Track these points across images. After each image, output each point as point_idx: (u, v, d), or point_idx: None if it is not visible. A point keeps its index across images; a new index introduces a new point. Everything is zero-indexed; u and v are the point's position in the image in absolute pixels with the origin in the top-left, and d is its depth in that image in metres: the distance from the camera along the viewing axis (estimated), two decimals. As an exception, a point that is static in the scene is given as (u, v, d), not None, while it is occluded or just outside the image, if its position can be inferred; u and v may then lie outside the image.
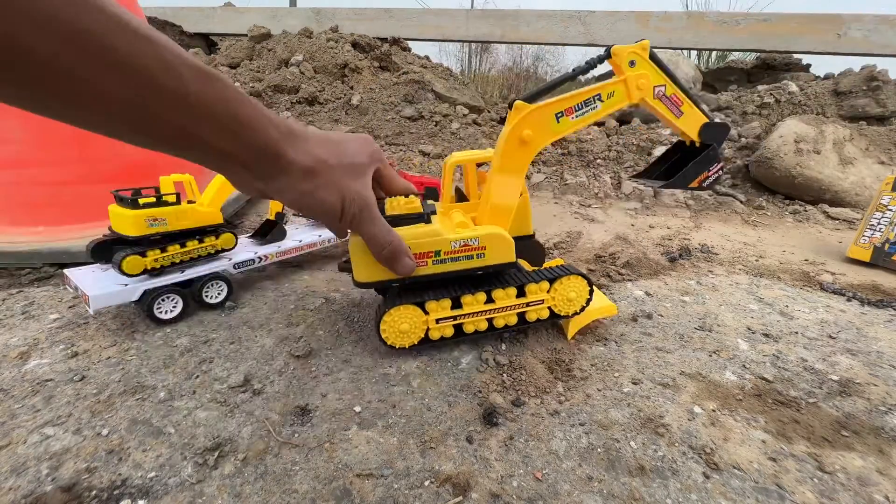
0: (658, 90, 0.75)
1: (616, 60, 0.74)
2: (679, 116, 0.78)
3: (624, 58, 0.73)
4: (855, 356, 0.81)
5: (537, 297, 0.74)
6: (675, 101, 0.77)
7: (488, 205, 0.72)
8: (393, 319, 0.70)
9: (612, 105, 0.74)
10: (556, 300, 0.75)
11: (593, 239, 1.41)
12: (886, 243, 1.27)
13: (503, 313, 0.74)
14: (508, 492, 0.51)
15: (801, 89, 2.43)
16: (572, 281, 0.75)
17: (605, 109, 0.74)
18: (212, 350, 0.76)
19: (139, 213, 0.82)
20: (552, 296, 0.75)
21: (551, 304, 0.75)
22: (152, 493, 0.49)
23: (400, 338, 0.71)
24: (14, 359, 0.73)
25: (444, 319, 0.72)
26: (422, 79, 2.75)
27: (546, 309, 0.76)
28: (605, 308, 0.84)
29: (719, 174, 0.82)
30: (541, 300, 0.74)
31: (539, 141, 0.71)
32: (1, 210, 1.15)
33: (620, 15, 3.19)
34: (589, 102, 0.72)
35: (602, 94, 0.73)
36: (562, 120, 0.71)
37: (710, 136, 0.80)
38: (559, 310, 0.76)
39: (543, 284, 0.74)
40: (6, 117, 1.09)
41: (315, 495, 0.50)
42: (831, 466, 0.56)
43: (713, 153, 0.81)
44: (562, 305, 0.76)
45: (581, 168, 2.21)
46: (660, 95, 0.75)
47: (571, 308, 0.77)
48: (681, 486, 0.52)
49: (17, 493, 0.49)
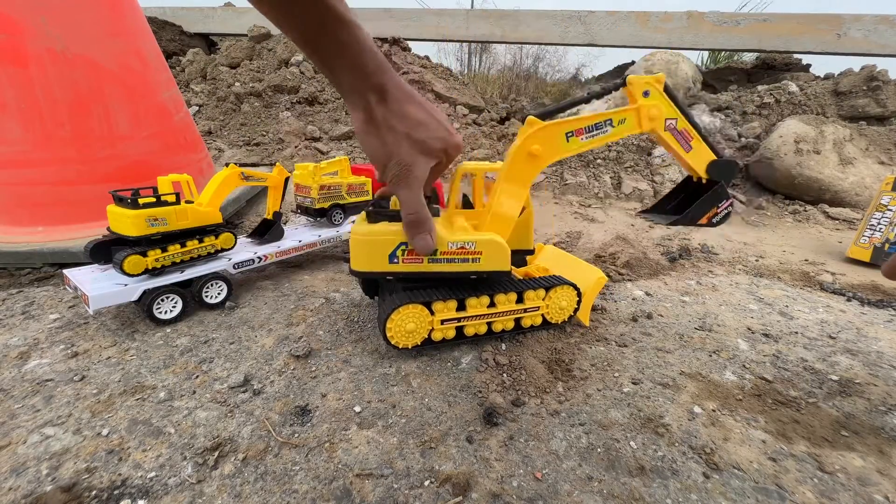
0: (669, 123, 0.76)
1: (631, 89, 0.75)
2: (688, 151, 0.79)
3: (639, 87, 0.74)
4: (855, 356, 0.81)
5: (534, 303, 0.78)
6: (686, 136, 0.78)
7: (490, 212, 0.73)
8: (400, 318, 0.70)
9: (622, 131, 0.75)
10: (550, 308, 0.81)
11: (593, 239, 1.41)
12: (886, 243, 1.27)
13: (502, 318, 0.77)
14: (508, 492, 0.51)
15: (801, 89, 2.43)
16: (565, 290, 0.81)
17: (615, 135, 0.75)
18: (212, 350, 0.76)
19: (139, 213, 0.82)
20: (546, 303, 0.80)
21: (545, 312, 0.81)
22: (152, 492, 0.49)
23: (405, 338, 0.72)
24: (14, 359, 0.73)
25: (448, 321, 0.73)
26: (422, 79, 2.75)
27: (540, 316, 0.81)
28: (599, 280, 0.87)
29: (728, 210, 0.83)
30: (536, 307, 0.79)
31: (547, 157, 0.73)
32: (1, 210, 1.15)
33: (620, 15, 3.19)
34: (600, 126, 0.74)
35: (613, 120, 0.74)
36: (571, 140, 0.73)
37: (718, 174, 0.80)
38: (551, 317, 0.82)
39: (540, 292, 0.79)
40: (6, 117, 1.09)
41: (315, 495, 0.50)
42: (831, 466, 0.56)
43: (721, 190, 0.81)
44: (554, 313, 0.82)
45: (581, 168, 2.21)
46: (671, 128, 0.77)
47: (561, 316, 0.82)
48: (681, 485, 0.52)
49: (17, 493, 0.49)
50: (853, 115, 2.31)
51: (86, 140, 1.15)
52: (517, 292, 0.77)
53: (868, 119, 2.29)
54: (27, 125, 1.09)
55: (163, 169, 1.22)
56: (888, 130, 2.10)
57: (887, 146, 2.02)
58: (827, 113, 2.32)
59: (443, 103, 2.67)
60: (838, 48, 2.87)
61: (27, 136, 1.10)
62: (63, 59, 1.10)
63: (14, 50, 1.06)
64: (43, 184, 1.13)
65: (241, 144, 2.38)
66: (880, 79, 2.34)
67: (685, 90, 2.66)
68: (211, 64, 2.80)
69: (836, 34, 2.84)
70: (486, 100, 3.18)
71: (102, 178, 1.17)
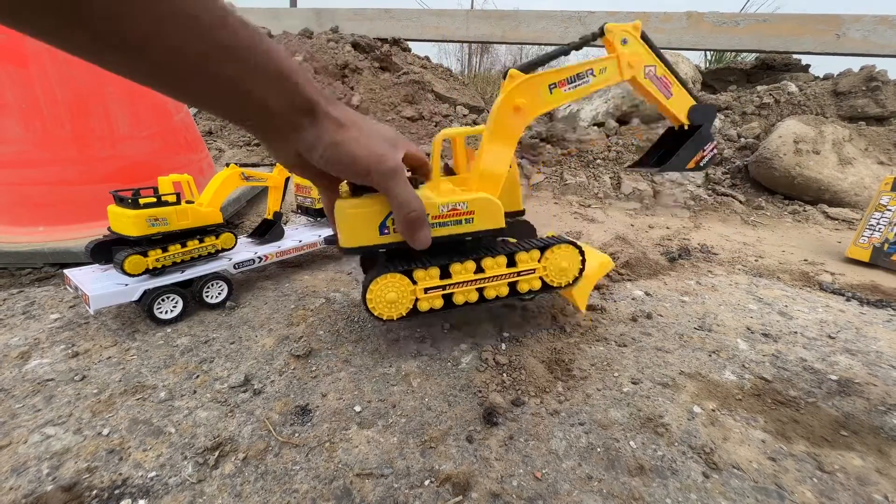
0: (648, 70, 0.78)
1: (609, 37, 0.76)
2: (668, 97, 0.80)
3: (617, 35, 0.75)
4: (854, 356, 0.81)
5: (528, 265, 0.72)
6: (665, 83, 0.79)
7: (478, 172, 0.71)
8: (380, 289, 0.66)
9: (604, 80, 0.76)
10: (549, 270, 0.74)
11: (593, 239, 1.41)
12: (886, 243, 1.27)
13: (494, 283, 0.71)
14: (508, 491, 0.51)
15: (800, 90, 2.43)
16: (563, 250, 0.74)
17: (597, 84, 0.76)
18: (212, 350, 0.77)
19: (140, 213, 0.82)
20: (544, 265, 0.73)
21: (543, 275, 0.74)
22: (153, 492, 0.50)
23: (388, 308, 0.68)
24: (15, 359, 0.73)
25: (432, 289, 0.69)
26: (422, 79, 2.75)
27: (538, 279, 0.74)
28: (603, 265, 0.85)
29: (714, 153, 0.85)
30: (532, 269, 0.73)
31: (532, 110, 0.73)
32: (1, 210, 1.15)
33: (620, 15, 3.19)
34: (582, 76, 0.75)
35: (595, 69, 0.75)
36: (555, 91, 0.73)
37: (699, 117, 0.82)
38: (552, 280, 0.75)
39: (534, 253, 0.73)
40: (7, 117, 1.09)
41: (315, 495, 0.50)
42: (830, 466, 0.56)
43: (705, 133, 0.83)
44: (554, 275, 0.74)
45: (581, 168, 2.21)
46: (650, 75, 0.78)
47: (564, 278, 0.75)
48: (680, 485, 0.53)
49: (17, 493, 0.49)
50: (852, 116, 2.31)
51: (86, 140, 1.15)
52: (506, 255, 0.72)
53: (867, 119, 2.29)
54: (27, 125, 1.09)
55: (163, 169, 1.22)
56: (887, 131, 2.10)
57: (887, 146, 2.03)
58: (826, 113, 2.32)
59: (443, 103, 2.68)
60: (838, 48, 2.87)
61: (27, 136, 1.10)
62: (63, 59, 1.10)
63: (14, 49, 1.07)
64: (43, 184, 1.13)
65: (241, 144, 2.38)
66: (879, 79, 2.34)
67: (685, 90, 2.66)
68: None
69: (835, 34, 2.84)
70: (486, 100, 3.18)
71: (103, 177, 1.17)
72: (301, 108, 0.43)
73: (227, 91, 0.37)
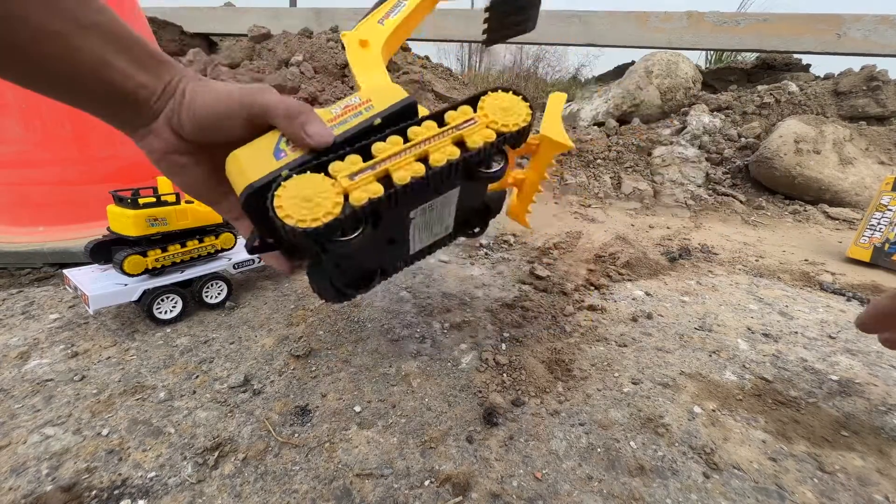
0: None
1: None
2: None
3: None
4: (855, 356, 0.81)
5: (465, 117, 0.58)
6: None
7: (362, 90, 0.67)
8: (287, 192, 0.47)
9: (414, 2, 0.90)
10: (490, 115, 0.59)
11: (593, 239, 1.41)
12: (886, 243, 1.27)
13: (434, 146, 0.55)
14: (508, 492, 0.51)
15: (801, 89, 2.43)
16: (498, 95, 0.61)
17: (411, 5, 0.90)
18: (212, 350, 0.76)
19: (140, 213, 0.82)
20: (484, 113, 0.59)
21: (488, 122, 0.58)
22: (152, 492, 0.49)
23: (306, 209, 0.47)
24: (14, 359, 0.73)
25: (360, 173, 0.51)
26: (422, 79, 2.75)
27: (485, 128, 0.58)
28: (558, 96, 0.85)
29: None
30: (471, 119, 0.58)
31: (374, 41, 0.84)
32: (1, 210, 1.15)
33: (620, 15, 3.19)
34: (397, 5, 0.90)
35: None
36: (385, 22, 0.87)
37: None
38: (501, 124, 0.59)
39: (465, 108, 0.58)
40: (7, 117, 1.09)
41: (315, 495, 0.50)
42: (831, 466, 0.56)
43: None
44: (500, 117, 0.59)
45: (581, 168, 2.21)
46: None
47: (514, 119, 0.59)
48: (681, 485, 0.52)
49: (17, 493, 0.49)
50: (853, 115, 2.31)
51: (86, 140, 1.15)
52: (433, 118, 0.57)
53: (868, 119, 2.29)
54: (27, 125, 1.09)
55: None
56: (888, 130, 2.10)
57: (887, 146, 2.02)
58: (827, 113, 2.32)
59: (443, 103, 2.67)
60: (838, 48, 2.86)
61: (28, 136, 1.10)
62: (63, 59, 1.10)
63: (14, 50, 1.06)
64: (43, 184, 1.13)
65: (241, 144, 2.38)
66: (880, 79, 2.34)
67: (685, 90, 2.66)
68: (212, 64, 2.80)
69: (836, 34, 2.84)
70: (486, 100, 3.17)
71: (103, 177, 1.17)
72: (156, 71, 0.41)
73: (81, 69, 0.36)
